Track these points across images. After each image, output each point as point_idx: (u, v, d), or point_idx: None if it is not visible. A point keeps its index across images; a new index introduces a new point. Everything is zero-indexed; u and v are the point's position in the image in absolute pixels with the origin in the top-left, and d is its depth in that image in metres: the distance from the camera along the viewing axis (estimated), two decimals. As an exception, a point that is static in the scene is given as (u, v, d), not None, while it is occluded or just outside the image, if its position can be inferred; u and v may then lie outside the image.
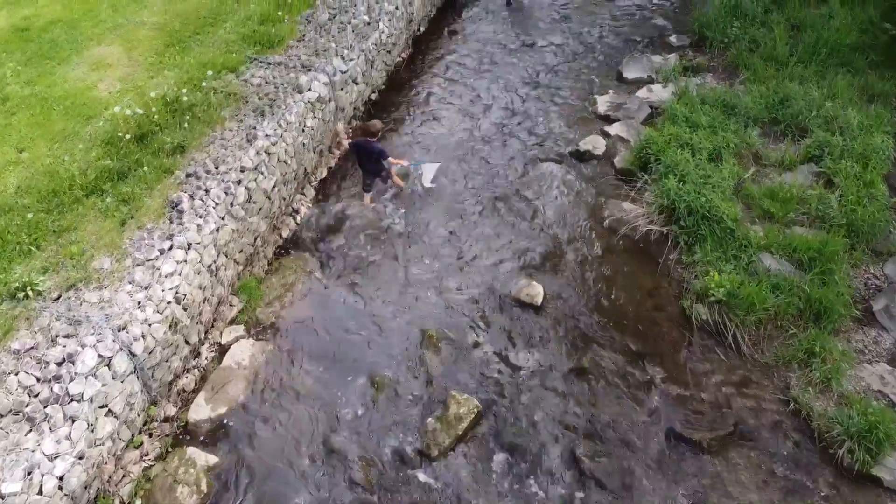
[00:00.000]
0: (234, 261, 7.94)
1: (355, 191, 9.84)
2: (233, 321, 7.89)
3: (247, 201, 8.01)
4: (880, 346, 7.46)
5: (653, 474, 6.47)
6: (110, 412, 6.03)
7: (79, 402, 5.73)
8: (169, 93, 8.75)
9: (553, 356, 7.56)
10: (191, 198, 7.57)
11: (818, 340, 7.22)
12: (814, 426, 6.68)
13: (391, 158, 9.25)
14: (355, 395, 7.18)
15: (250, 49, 10.14)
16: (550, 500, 6.31)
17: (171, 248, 7.03)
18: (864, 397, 6.80)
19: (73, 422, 5.66)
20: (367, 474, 6.49)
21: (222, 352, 7.54)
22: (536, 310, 8.01)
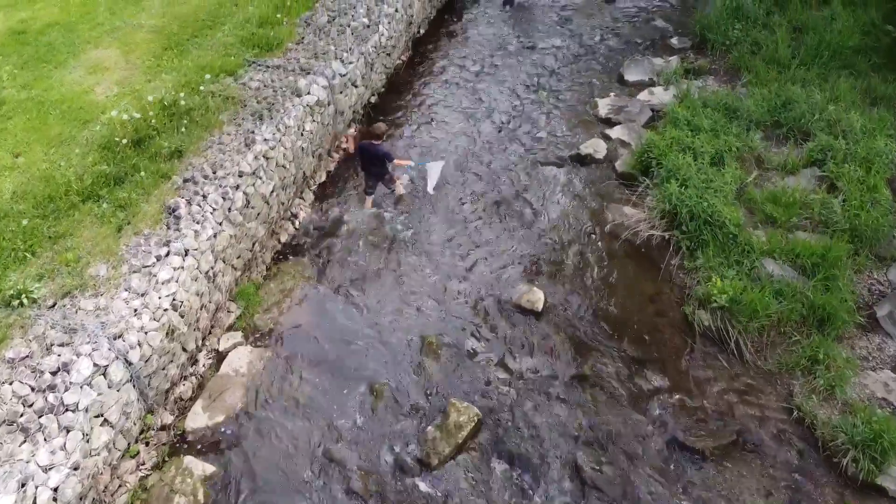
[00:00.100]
0: (231, 266, 7.87)
1: (355, 195, 9.77)
2: (230, 328, 7.81)
3: (245, 206, 7.93)
4: (884, 353, 7.38)
5: (655, 483, 6.40)
6: (106, 422, 5.95)
7: (74, 412, 5.65)
8: (166, 97, 8.66)
9: (554, 363, 7.49)
10: (188, 203, 7.49)
11: (822, 347, 7.15)
12: (818, 435, 6.61)
13: (397, 160, 9.18)
14: (354, 402, 7.11)
15: (249, 52, 10.05)
16: (551, 509, 6.24)
17: (167, 254, 6.95)
18: (868, 405, 6.73)
19: (67, 432, 5.58)
20: (367, 484, 6.42)
21: (220, 359, 7.47)
22: (537, 316, 7.94)
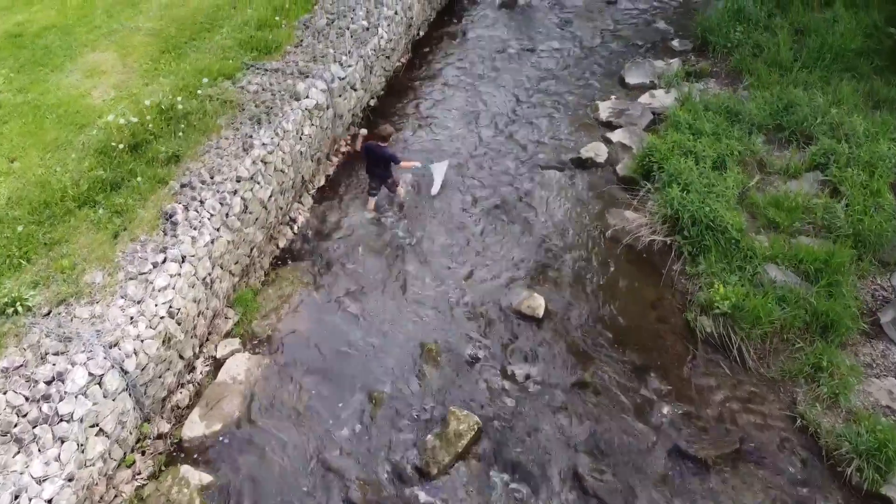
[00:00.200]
0: (229, 272, 7.79)
1: (355, 199, 9.69)
2: (228, 334, 7.73)
3: (243, 212, 7.86)
4: (888, 360, 7.31)
5: (657, 492, 6.32)
6: (101, 431, 5.88)
7: (68, 423, 5.58)
8: (164, 100, 8.59)
9: (555, 370, 7.42)
10: (185, 209, 7.42)
11: (825, 354, 7.08)
12: (821, 443, 6.54)
13: (402, 162, 9.13)
14: (353, 410, 7.03)
15: (247, 55, 9.99)
16: (552, 520, 6.18)
17: (164, 261, 6.88)
18: (872, 413, 6.66)
19: (62, 443, 5.51)
20: (365, 493, 6.34)
21: (217, 366, 7.39)
22: (538, 322, 7.86)
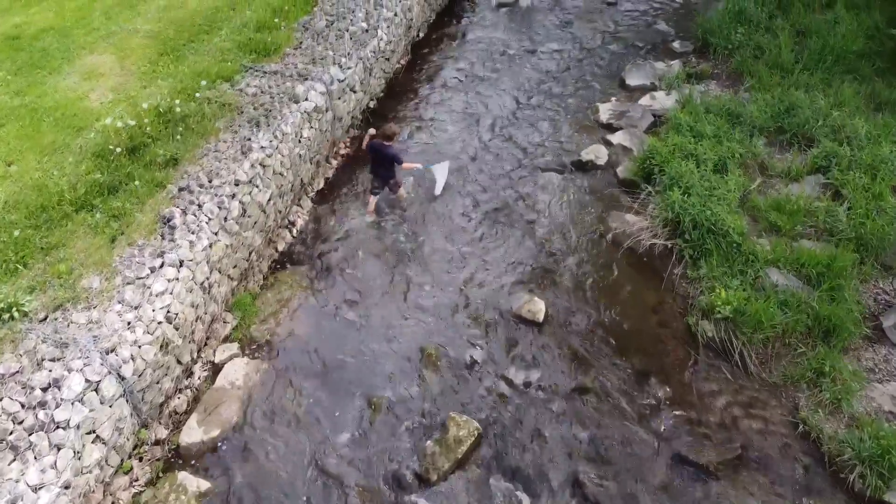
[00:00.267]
0: (227, 277, 7.74)
1: (354, 201, 9.64)
2: (226, 339, 7.68)
3: (241, 215, 7.81)
4: (891, 365, 7.24)
5: (658, 499, 6.27)
6: (98, 438, 5.83)
7: (65, 430, 5.52)
8: (162, 103, 8.54)
9: (555, 375, 7.37)
10: (183, 213, 7.38)
11: (828, 359, 7.02)
12: (824, 450, 6.48)
13: (405, 164, 9.09)
14: (352, 416, 6.98)
15: (246, 57, 9.94)
16: (553, 527, 6.13)
17: (162, 265, 6.82)
18: (875, 419, 6.60)
19: (58, 450, 5.46)
20: (364, 500, 6.29)
21: (216, 371, 7.34)
22: (538, 326, 7.81)
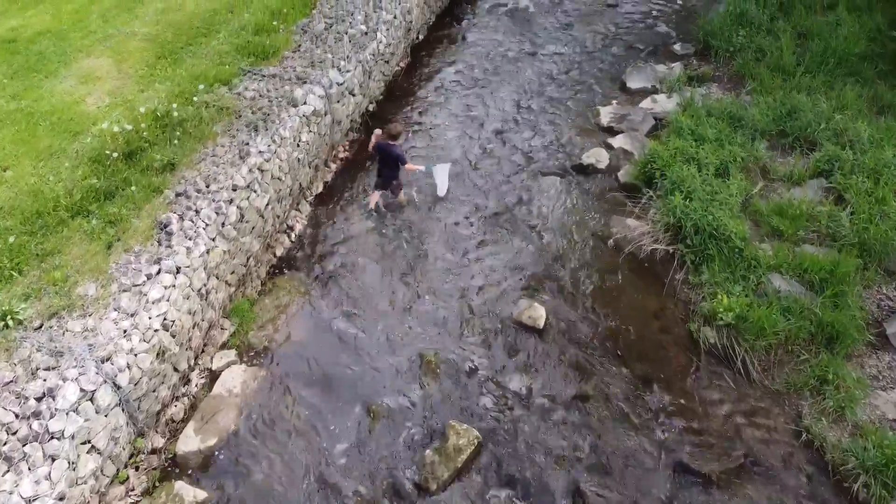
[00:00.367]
0: (225, 283, 7.67)
1: (354, 205, 9.57)
2: (224, 345, 7.60)
3: (239, 221, 7.74)
4: (895, 372, 7.19)
5: (660, 509, 6.22)
6: (93, 448, 5.75)
7: (59, 440, 5.45)
8: (159, 107, 8.48)
9: (556, 382, 7.30)
10: (180, 218, 7.31)
11: (831, 366, 6.95)
12: (827, 458, 6.41)
13: (408, 165, 9.04)
14: (351, 424, 6.91)
15: (244, 61, 9.87)
16: (554, 537, 6.06)
17: (159, 272, 6.76)
18: (879, 427, 6.53)
19: (53, 461, 5.38)
20: (363, 510, 6.24)
21: (213, 378, 7.27)
22: (539, 333, 7.73)
